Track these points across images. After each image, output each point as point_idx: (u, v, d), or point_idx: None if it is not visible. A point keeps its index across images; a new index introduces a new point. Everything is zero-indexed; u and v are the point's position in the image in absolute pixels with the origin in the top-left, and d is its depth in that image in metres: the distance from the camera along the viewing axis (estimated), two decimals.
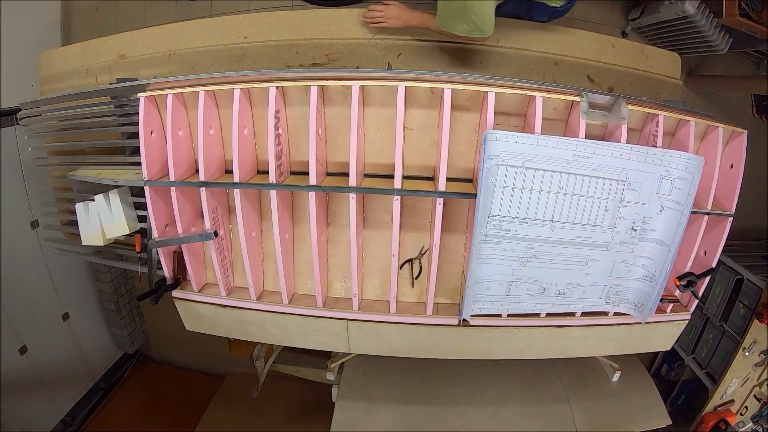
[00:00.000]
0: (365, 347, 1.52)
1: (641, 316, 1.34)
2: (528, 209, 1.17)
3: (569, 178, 1.14)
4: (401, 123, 1.20)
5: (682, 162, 1.17)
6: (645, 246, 1.24)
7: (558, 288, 1.29)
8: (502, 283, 1.27)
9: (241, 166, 1.27)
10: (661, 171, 1.17)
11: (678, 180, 1.18)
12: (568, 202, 1.17)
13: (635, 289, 1.32)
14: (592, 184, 1.16)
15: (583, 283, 1.29)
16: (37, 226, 2.67)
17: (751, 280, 2.68)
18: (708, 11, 2.50)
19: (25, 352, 2.63)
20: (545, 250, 1.22)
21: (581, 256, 1.24)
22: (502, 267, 1.24)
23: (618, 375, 2.20)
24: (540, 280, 1.27)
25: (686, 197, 1.18)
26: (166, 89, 1.29)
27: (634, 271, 1.29)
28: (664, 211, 1.20)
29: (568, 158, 1.13)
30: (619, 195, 1.18)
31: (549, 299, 1.30)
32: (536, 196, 1.16)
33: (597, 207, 1.18)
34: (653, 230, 1.23)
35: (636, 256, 1.26)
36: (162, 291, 1.42)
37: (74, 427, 3.01)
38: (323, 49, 1.78)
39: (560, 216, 1.18)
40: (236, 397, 3.29)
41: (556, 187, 1.15)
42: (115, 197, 1.45)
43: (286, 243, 1.37)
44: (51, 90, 1.98)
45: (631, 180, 1.17)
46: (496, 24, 1.42)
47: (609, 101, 1.24)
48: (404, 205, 1.37)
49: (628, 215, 1.20)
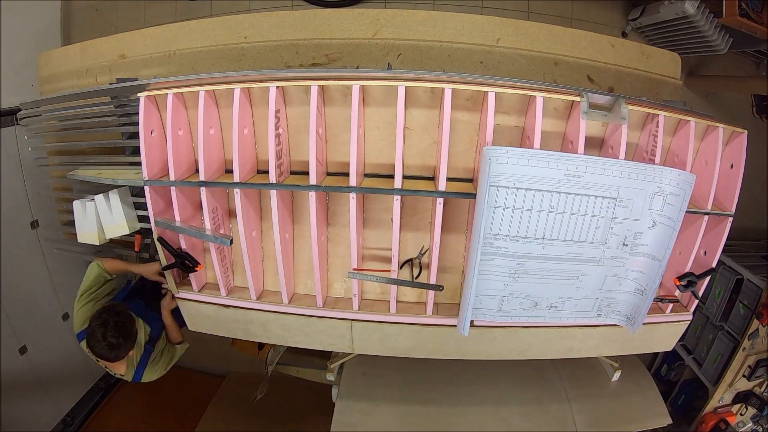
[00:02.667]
0: (369, 348, 1.52)
1: (632, 328, 1.35)
2: (519, 227, 1.17)
3: (560, 197, 1.15)
4: (401, 123, 1.20)
5: (674, 178, 1.17)
6: (636, 260, 1.25)
7: (550, 302, 1.30)
8: (495, 297, 1.27)
9: (241, 166, 1.27)
10: (653, 187, 1.17)
11: (670, 196, 1.18)
12: (559, 220, 1.17)
13: (626, 302, 1.33)
14: (583, 202, 1.16)
15: (574, 297, 1.30)
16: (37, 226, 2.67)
17: (751, 280, 2.67)
18: (708, 11, 2.50)
19: (25, 352, 2.62)
20: (536, 266, 1.23)
21: (572, 271, 1.25)
22: (494, 282, 1.25)
23: (618, 374, 2.20)
24: (532, 294, 1.28)
25: (678, 213, 1.19)
26: (166, 89, 1.29)
27: (626, 285, 1.29)
28: (656, 226, 1.20)
29: (559, 178, 1.13)
30: (610, 212, 1.18)
31: (541, 312, 1.31)
32: (527, 215, 1.16)
33: (588, 224, 1.19)
34: (644, 245, 1.23)
35: (627, 270, 1.27)
36: (183, 265, 1.39)
37: (74, 427, 3.01)
38: (323, 49, 1.78)
39: (551, 233, 1.19)
40: (236, 397, 3.29)
41: (547, 206, 1.15)
42: (115, 197, 1.45)
43: (286, 243, 1.37)
44: (51, 90, 1.98)
45: (622, 197, 1.17)
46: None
47: (609, 101, 1.24)
48: (404, 205, 1.37)
49: (620, 231, 1.21)
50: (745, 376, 2.73)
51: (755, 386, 2.82)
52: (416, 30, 1.76)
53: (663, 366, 3.58)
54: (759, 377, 2.74)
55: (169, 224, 1.35)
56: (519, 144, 1.35)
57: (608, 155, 1.30)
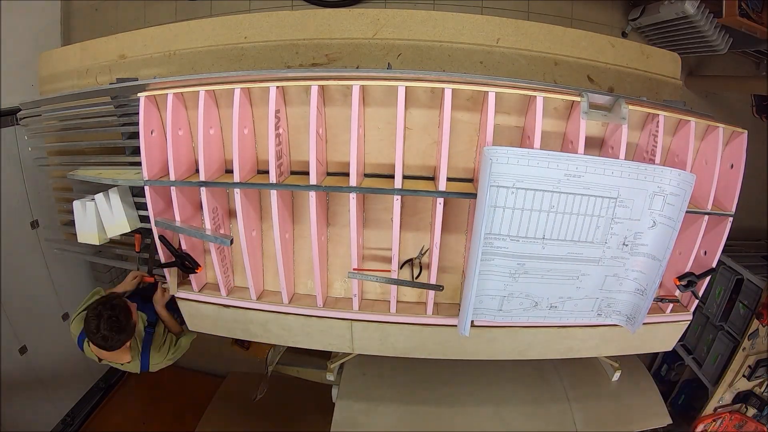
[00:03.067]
0: (369, 348, 1.52)
1: (632, 327, 1.35)
2: (519, 227, 1.18)
3: (560, 197, 1.15)
4: (401, 123, 1.20)
5: (675, 178, 1.17)
6: (636, 260, 1.25)
7: (550, 302, 1.30)
8: (495, 297, 1.28)
9: (241, 166, 1.27)
10: (653, 187, 1.17)
11: (670, 196, 1.18)
12: (559, 219, 1.18)
13: (627, 302, 1.33)
14: (583, 202, 1.16)
15: (574, 297, 1.30)
16: (37, 226, 2.67)
17: (751, 280, 2.67)
18: (708, 11, 2.50)
19: (25, 352, 2.63)
20: (537, 266, 1.23)
21: (573, 271, 1.25)
22: (494, 282, 1.25)
23: (618, 374, 2.19)
24: (532, 294, 1.28)
25: (678, 213, 1.19)
26: (166, 89, 1.29)
27: (626, 285, 1.29)
28: (656, 226, 1.20)
29: (559, 178, 1.13)
30: (610, 212, 1.18)
31: (541, 312, 1.32)
32: (527, 215, 1.16)
33: (588, 224, 1.19)
34: (645, 245, 1.23)
35: (627, 270, 1.27)
36: (183, 266, 1.40)
37: (74, 427, 3.01)
38: (323, 49, 1.78)
39: (551, 233, 1.19)
40: (236, 397, 3.29)
41: (548, 206, 1.16)
42: (115, 195, 1.45)
43: (286, 243, 1.37)
44: (51, 90, 1.98)
45: (623, 197, 1.17)
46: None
47: (609, 101, 1.24)
48: (404, 205, 1.37)
49: (620, 231, 1.21)
50: (745, 376, 2.73)
51: (755, 386, 2.81)
52: (416, 30, 1.76)
53: (663, 366, 3.57)
54: (759, 377, 2.74)
55: (169, 224, 1.35)
56: (519, 144, 1.35)
57: (608, 155, 1.30)
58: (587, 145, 1.21)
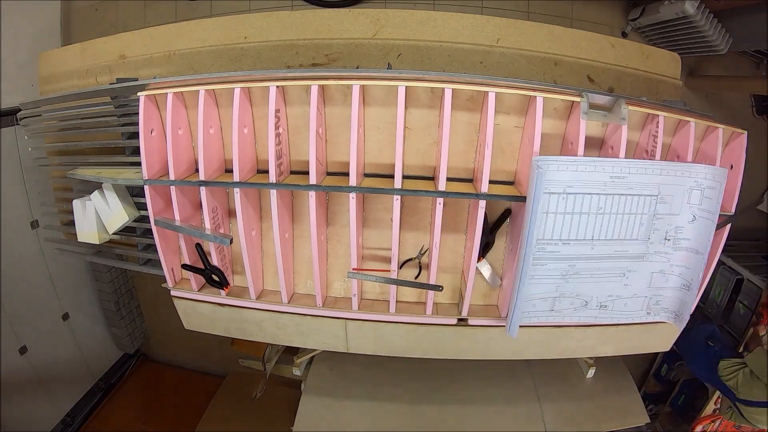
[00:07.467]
0: (364, 347, 1.52)
1: (680, 324, 1.37)
2: (570, 231, 1.22)
3: (607, 199, 1.19)
4: (401, 123, 1.20)
5: (710, 173, 1.21)
6: (680, 255, 1.28)
7: (599, 300, 1.32)
8: (547, 299, 1.30)
9: (241, 166, 1.27)
10: (690, 182, 1.21)
11: (707, 189, 1.22)
12: (606, 220, 1.22)
13: (673, 298, 1.35)
14: (627, 202, 1.21)
15: (623, 295, 1.32)
16: (37, 226, 2.67)
17: (751, 280, 2.68)
18: (708, 11, 2.50)
19: (25, 352, 2.63)
20: (586, 266, 1.26)
21: (619, 268, 1.28)
22: (546, 286, 1.28)
23: (593, 371, 2.17)
24: (582, 294, 1.31)
25: (715, 205, 1.23)
26: (166, 89, 1.29)
27: (672, 281, 1.32)
28: (696, 220, 1.24)
29: (605, 180, 1.17)
30: (652, 209, 1.22)
31: (591, 312, 1.34)
32: (577, 218, 1.20)
33: (632, 222, 1.23)
34: (687, 239, 1.27)
35: (672, 266, 1.30)
36: (211, 279, 1.41)
37: (74, 427, 3.02)
38: (323, 49, 1.78)
39: (600, 234, 1.23)
40: (236, 397, 3.29)
41: (596, 208, 1.20)
42: (109, 189, 1.45)
43: (285, 242, 1.37)
44: (51, 90, 1.98)
45: (663, 194, 1.21)
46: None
47: (609, 101, 1.24)
48: (404, 205, 1.37)
49: (661, 226, 1.25)
50: None
51: None
52: (416, 30, 1.76)
53: (663, 366, 3.58)
54: None
55: (168, 223, 1.35)
56: (519, 144, 1.36)
57: (608, 155, 1.31)
58: (587, 146, 1.22)
